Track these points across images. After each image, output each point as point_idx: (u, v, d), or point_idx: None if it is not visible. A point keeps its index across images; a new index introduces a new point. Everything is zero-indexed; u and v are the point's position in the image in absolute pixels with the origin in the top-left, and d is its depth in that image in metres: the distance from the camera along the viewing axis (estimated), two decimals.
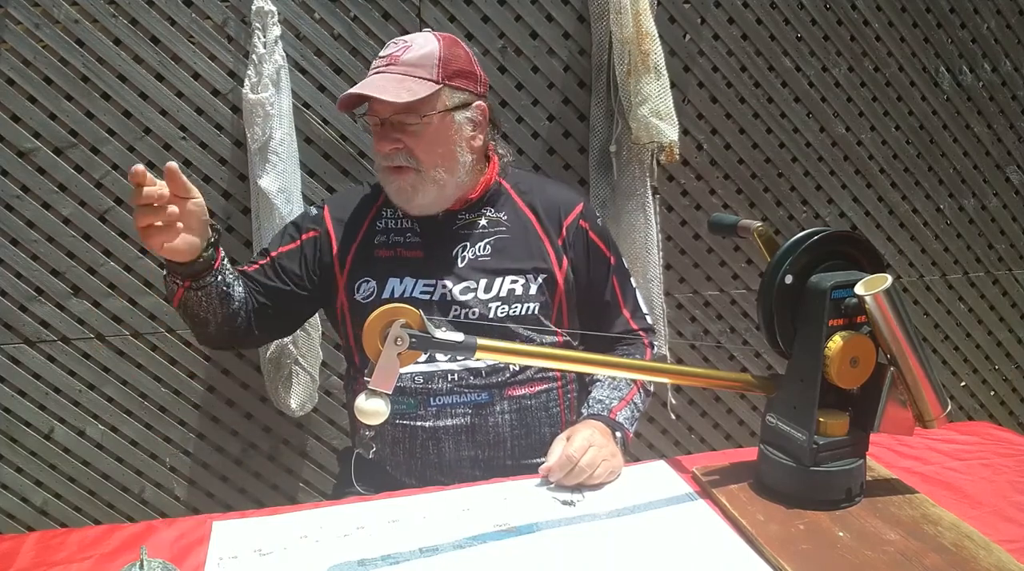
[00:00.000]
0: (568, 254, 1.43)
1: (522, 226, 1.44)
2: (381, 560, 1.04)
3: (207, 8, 1.85)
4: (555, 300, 1.42)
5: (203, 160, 1.92)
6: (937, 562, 0.98)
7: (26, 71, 1.81)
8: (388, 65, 1.33)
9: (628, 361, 1.31)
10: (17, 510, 2.00)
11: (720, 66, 2.12)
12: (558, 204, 1.46)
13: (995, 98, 2.31)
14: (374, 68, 1.36)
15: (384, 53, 1.36)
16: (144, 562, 0.95)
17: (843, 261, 1.14)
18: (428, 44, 1.35)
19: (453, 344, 1.02)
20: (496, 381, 1.37)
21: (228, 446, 2.09)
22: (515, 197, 1.47)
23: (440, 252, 1.40)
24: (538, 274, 1.41)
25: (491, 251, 1.41)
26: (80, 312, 1.94)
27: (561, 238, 1.44)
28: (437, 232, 1.42)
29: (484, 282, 1.39)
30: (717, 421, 2.35)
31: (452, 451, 1.37)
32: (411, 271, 1.39)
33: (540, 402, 1.41)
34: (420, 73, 1.32)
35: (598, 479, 1.21)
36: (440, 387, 1.36)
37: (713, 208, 2.20)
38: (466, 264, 1.40)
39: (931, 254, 2.39)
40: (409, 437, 1.38)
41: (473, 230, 1.42)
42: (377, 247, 1.42)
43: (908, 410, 1.13)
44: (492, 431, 1.37)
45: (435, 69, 1.33)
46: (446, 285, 1.38)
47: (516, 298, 1.39)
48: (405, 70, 1.32)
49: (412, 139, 1.33)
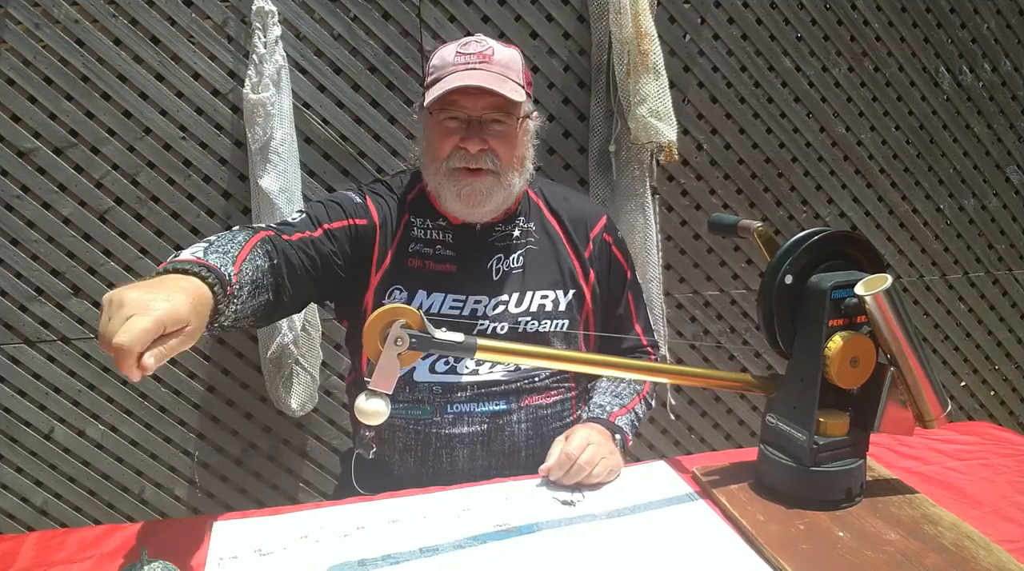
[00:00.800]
0: (594, 267, 1.42)
1: (550, 239, 1.42)
2: (381, 560, 1.04)
3: (207, 8, 1.85)
4: (582, 316, 1.41)
5: (203, 160, 1.92)
6: (937, 562, 0.98)
7: (26, 71, 1.81)
8: (482, 62, 1.29)
9: (628, 361, 1.30)
10: (17, 510, 2.00)
11: (720, 66, 2.12)
12: (584, 216, 1.45)
13: (995, 98, 2.31)
14: (464, 64, 1.29)
15: (468, 51, 1.31)
16: (144, 562, 0.95)
17: (843, 261, 1.14)
18: (508, 49, 1.34)
19: (453, 344, 1.02)
20: (514, 389, 1.36)
21: (228, 446, 2.09)
22: (542, 208, 1.45)
23: (473, 266, 1.37)
24: (568, 290, 1.40)
25: (523, 263, 1.39)
26: (80, 312, 1.94)
27: (588, 251, 1.43)
28: (473, 244, 1.38)
29: (516, 296, 1.37)
30: (717, 421, 2.35)
31: (466, 459, 1.35)
32: (440, 286, 1.35)
33: (555, 412, 1.40)
34: (514, 76, 1.31)
35: (597, 477, 1.21)
36: (459, 396, 1.34)
37: (713, 208, 2.20)
38: (500, 277, 1.38)
39: (931, 254, 2.39)
40: (422, 444, 1.36)
41: (507, 242, 1.40)
42: (410, 256, 1.37)
43: (908, 410, 1.13)
44: (508, 440, 1.36)
45: (521, 74, 1.33)
46: (479, 301, 1.36)
47: (546, 314, 1.38)
48: (502, 70, 1.30)
49: (498, 141, 1.30)
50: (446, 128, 1.30)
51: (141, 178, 1.90)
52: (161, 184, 1.92)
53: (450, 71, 1.29)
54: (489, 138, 1.29)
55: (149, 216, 1.93)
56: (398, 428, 1.37)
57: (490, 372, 1.35)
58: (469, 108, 1.28)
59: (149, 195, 1.92)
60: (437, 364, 1.35)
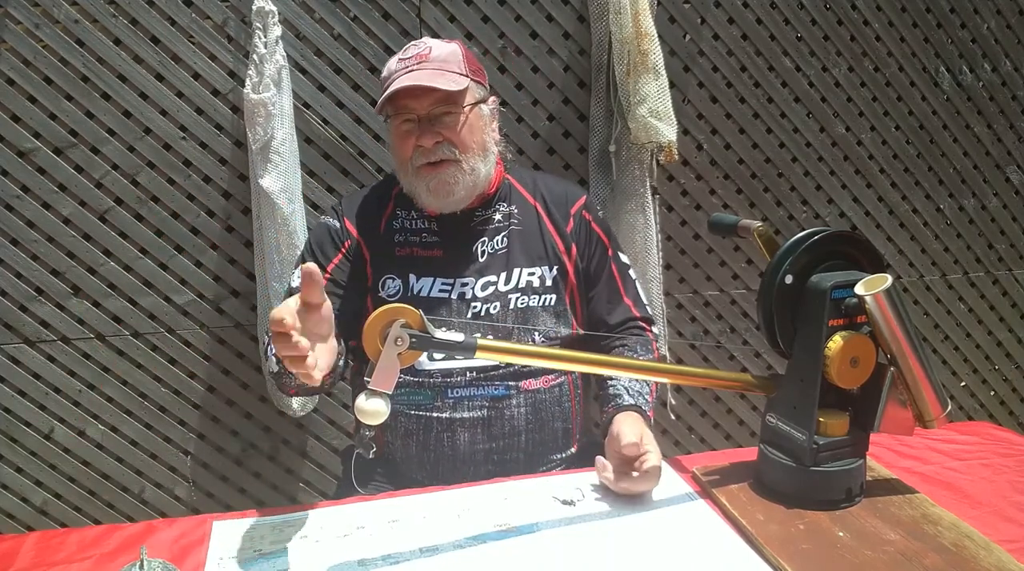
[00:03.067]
0: (575, 240, 1.48)
1: (532, 218, 1.48)
2: (381, 560, 1.04)
3: (207, 8, 1.85)
4: (567, 290, 1.46)
5: (203, 160, 1.92)
6: (937, 562, 0.98)
7: (26, 71, 1.81)
8: (420, 63, 1.37)
9: (629, 361, 1.31)
10: (17, 510, 2.00)
11: (720, 66, 2.12)
12: (564, 193, 1.52)
13: (995, 98, 2.31)
14: (404, 68, 1.38)
15: (407, 55, 1.39)
16: (144, 562, 0.95)
17: (843, 261, 1.14)
18: (448, 44, 1.41)
19: (453, 344, 1.03)
20: (513, 372, 1.39)
21: (228, 446, 2.09)
22: (521, 190, 1.51)
23: (459, 250, 1.43)
24: (552, 266, 1.45)
25: (507, 243, 1.45)
26: (80, 312, 1.94)
27: (569, 226, 1.48)
28: (456, 230, 1.44)
29: (504, 275, 1.43)
30: (717, 421, 2.35)
31: (467, 443, 1.39)
32: (428, 271, 1.42)
33: (553, 396, 1.43)
34: (452, 68, 1.38)
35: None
36: (458, 380, 1.38)
37: (713, 208, 2.20)
38: (485, 258, 1.44)
39: (931, 254, 2.39)
40: (423, 429, 1.40)
41: (488, 226, 1.46)
42: (396, 245, 1.45)
43: (908, 410, 1.13)
44: (508, 424, 1.39)
45: (462, 65, 1.39)
46: (465, 283, 1.41)
47: (534, 289, 1.43)
48: (439, 66, 1.37)
49: (451, 131, 1.36)
50: (403, 131, 1.39)
51: (141, 178, 1.90)
52: (161, 184, 1.92)
53: (393, 78, 1.38)
54: (442, 130, 1.36)
55: (149, 216, 1.93)
56: (399, 413, 1.41)
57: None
58: (417, 108, 1.36)
59: (149, 195, 1.92)
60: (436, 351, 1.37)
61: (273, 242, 1.84)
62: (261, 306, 1.93)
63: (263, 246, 1.86)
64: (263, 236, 1.85)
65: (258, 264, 1.91)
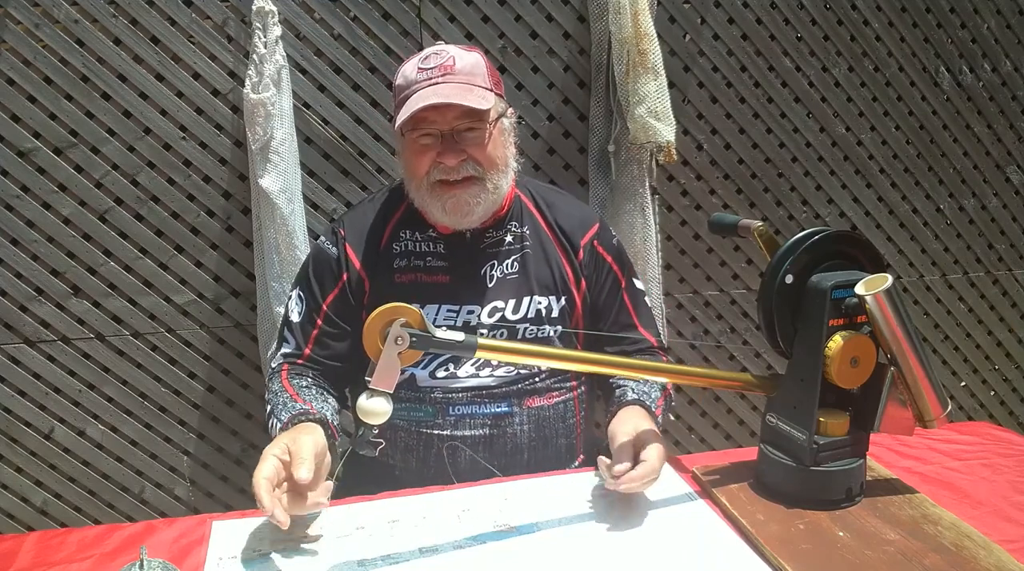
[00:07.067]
0: (584, 273, 1.42)
1: (543, 243, 1.42)
2: (381, 560, 1.04)
3: (207, 8, 1.85)
4: (572, 322, 1.41)
5: (203, 160, 1.92)
6: (937, 562, 0.98)
7: (26, 71, 1.81)
8: (445, 75, 1.29)
9: (629, 361, 1.30)
10: (17, 510, 2.00)
11: (720, 66, 2.12)
12: (575, 223, 1.44)
13: (995, 98, 2.31)
14: (427, 80, 1.29)
15: (429, 65, 1.30)
16: (144, 562, 0.95)
17: (843, 261, 1.14)
18: (470, 54, 1.33)
19: (453, 343, 1.02)
20: (516, 390, 1.36)
21: (228, 446, 2.09)
22: (533, 211, 1.45)
23: (467, 274, 1.37)
24: (560, 296, 1.40)
25: (518, 268, 1.39)
26: (80, 312, 1.94)
27: (579, 258, 1.42)
28: (464, 252, 1.38)
29: (512, 302, 1.37)
30: (717, 421, 2.35)
31: (468, 461, 1.35)
32: (433, 298, 1.36)
33: (557, 413, 1.40)
34: (479, 82, 1.30)
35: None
36: (460, 397, 1.34)
37: (713, 208, 2.20)
38: (495, 284, 1.37)
39: (931, 254, 2.39)
40: (424, 445, 1.36)
41: (500, 248, 1.39)
42: (396, 272, 1.38)
43: (908, 410, 1.13)
44: (510, 442, 1.36)
45: (487, 78, 1.32)
46: (472, 310, 1.35)
47: (542, 319, 1.37)
48: (466, 79, 1.29)
49: (477, 148, 1.29)
50: (421, 146, 1.30)
51: (141, 178, 1.90)
52: (161, 184, 1.92)
53: (414, 88, 1.29)
54: (466, 147, 1.29)
55: (149, 216, 1.93)
56: (400, 429, 1.37)
57: (491, 376, 1.35)
58: (440, 123, 1.28)
59: (149, 195, 1.91)
60: (438, 370, 1.35)
61: (273, 242, 1.84)
62: (261, 306, 1.93)
63: (263, 246, 1.86)
64: (263, 236, 1.85)
65: (258, 264, 1.91)
